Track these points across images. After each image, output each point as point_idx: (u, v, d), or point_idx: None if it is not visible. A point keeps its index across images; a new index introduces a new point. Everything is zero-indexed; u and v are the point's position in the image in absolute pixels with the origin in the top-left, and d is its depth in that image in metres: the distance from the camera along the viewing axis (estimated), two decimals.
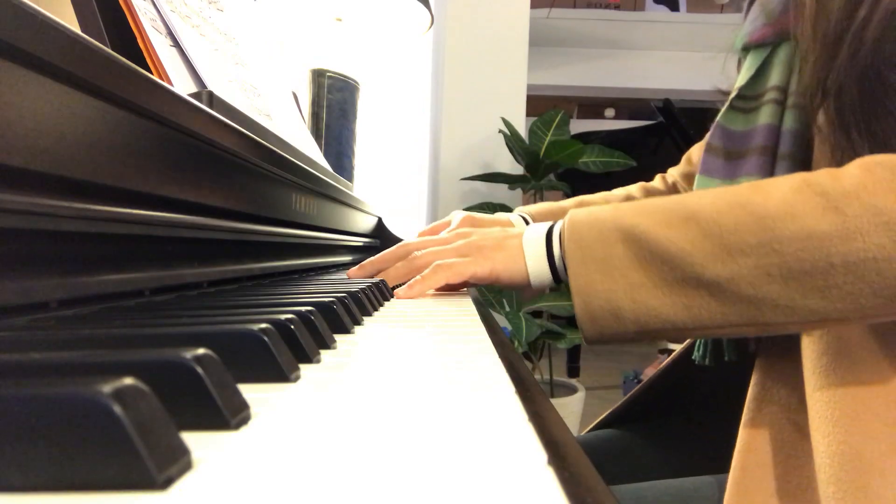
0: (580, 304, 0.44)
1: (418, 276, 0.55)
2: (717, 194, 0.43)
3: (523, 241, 0.51)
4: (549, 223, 0.51)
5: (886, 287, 0.38)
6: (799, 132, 0.50)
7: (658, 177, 0.86)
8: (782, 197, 0.40)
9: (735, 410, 0.51)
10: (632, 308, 0.43)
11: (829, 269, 0.38)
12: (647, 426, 0.69)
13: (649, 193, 0.84)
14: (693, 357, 0.61)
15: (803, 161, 0.49)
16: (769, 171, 0.51)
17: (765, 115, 0.51)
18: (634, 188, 0.84)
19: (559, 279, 0.50)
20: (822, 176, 0.40)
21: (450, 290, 0.61)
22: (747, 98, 0.54)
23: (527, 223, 0.81)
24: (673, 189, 0.84)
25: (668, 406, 0.63)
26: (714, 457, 0.55)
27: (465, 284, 0.58)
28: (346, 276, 0.72)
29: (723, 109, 0.55)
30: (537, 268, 0.50)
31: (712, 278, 0.41)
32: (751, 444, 0.47)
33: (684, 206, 0.43)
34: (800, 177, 0.41)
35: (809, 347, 0.46)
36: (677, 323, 0.42)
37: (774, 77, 0.51)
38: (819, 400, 0.44)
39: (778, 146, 0.50)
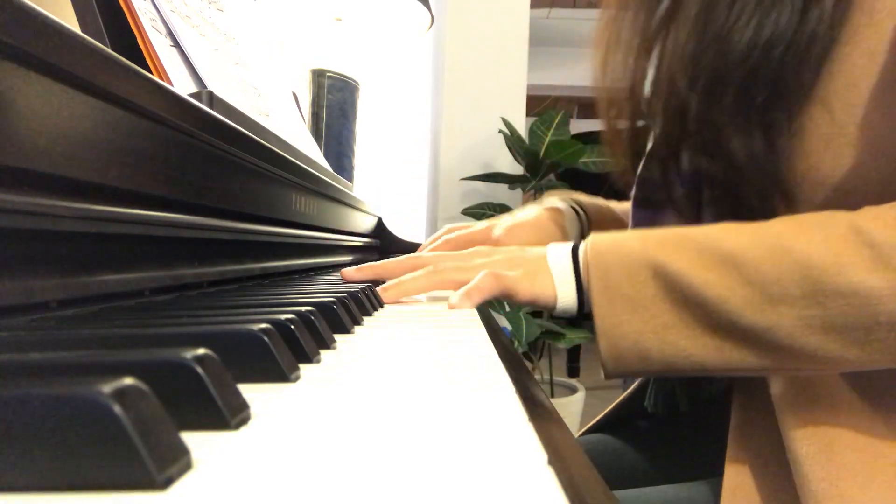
0: (606, 345, 0.42)
1: (471, 284, 0.50)
2: (755, 234, 0.41)
3: (550, 267, 0.48)
4: (571, 246, 0.48)
5: None
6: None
7: None
8: (828, 245, 0.38)
9: (727, 414, 0.51)
10: (660, 349, 0.41)
11: (874, 325, 0.37)
12: (638, 431, 0.69)
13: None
14: (644, 404, 0.60)
15: (726, 201, 0.48)
16: (696, 216, 0.50)
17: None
18: (614, 203, 0.80)
19: (582, 307, 0.47)
20: (871, 221, 0.38)
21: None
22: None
23: (576, 213, 0.73)
24: None
25: (659, 410, 0.63)
26: (707, 461, 0.55)
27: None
28: None
29: (642, 162, 0.54)
30: (566, 296, 0.47)
31: (749, 326, 0.39)
32: (737, 480, 0.47)
33: (720, 246, 0.41)
34: (846, 220, 0.39)
35: (777, 387, 0.45)
36: (707, 364, 0.41)
37: None
38: (795, 438, 0.43)
39: (701, 191, 0.49)
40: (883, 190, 0.41)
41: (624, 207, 0.75)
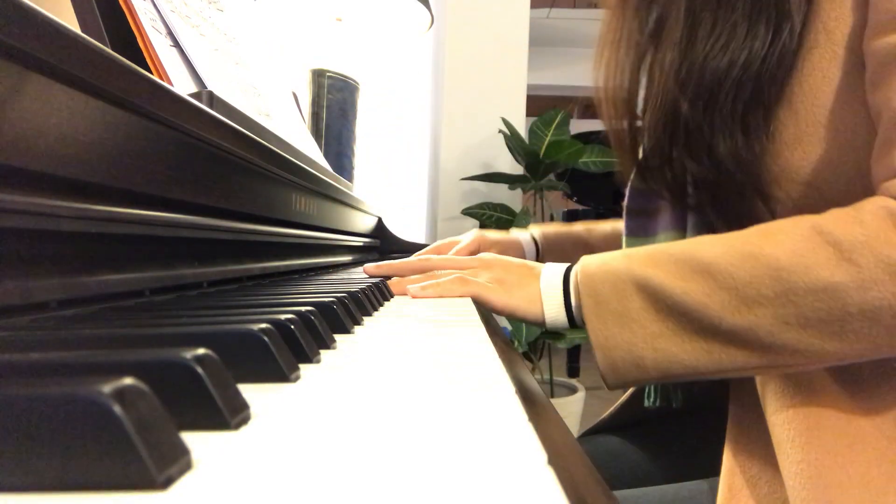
0: (602, 357, 0.45)
1: (434, 281, 0.56)
2: (726, 243, 0.44)
3: (541, 285, 0.52)
4: (566, 267, 0.52)
5: None
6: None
7: None
8: (793, 247, 0.41)
9: (726, 414, 0.51)
10: (653, 357, 0.44)
11: (846, 316, 0.39)
12: (638, 431, 0.69)
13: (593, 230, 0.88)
14: (645, 404, 0.62)
15: (710, 203, 0.52)
16: (683, 223, 0.55)
17: None
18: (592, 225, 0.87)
19: (574, 323, 0.51)
20: (833, 222, 0.41)
21: None
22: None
23: (536, 244, 0.85)
24: None
25: (659, 410, 0.63)
26: (707, 460, 0.55)
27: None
28: (346, 277, 0.71)
29: (633, 173, 0.60)
30: (554, 313, 0.51)
31: (731, 328, 0.41)
32: (734, 477, 0.48)
33: (695, 257, 0.44)
34: (809, 223, 0.42)
35: (765, 379, 0.47)
36: (699, 368, 0.43)
37: None
38: (776, 423, 0.45)
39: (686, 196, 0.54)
40: (854, 182, 0.44)
41: (602, 228, 0.84)
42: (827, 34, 0.45)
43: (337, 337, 0.35)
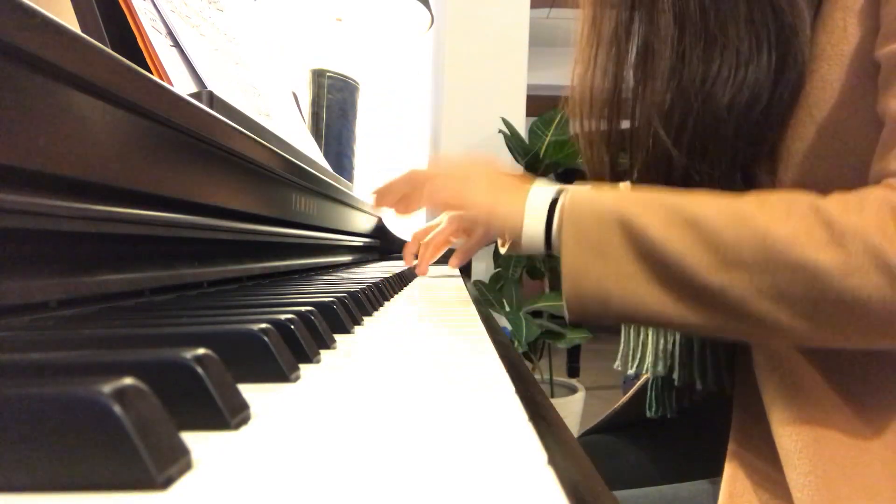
0: (569, 284, 0.45)
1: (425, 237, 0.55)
2: (721, 202, 0.43)
3: (528, 198, 0.51)
4: (558, 187, 0.51)
5: (874, 324, 0.38)
6: None
7: None
8: (786, 220, 0.40)
9: (727, 413, 0.51)
10: (620, 296, 0.43)
11: (821, 299, 0.38)
12: (638, 431, 0.69)
13: None
14: (647, 415, 0.62)
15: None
16: None
17: None
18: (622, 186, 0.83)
19: (549, 247, 0.50)
20: (832, 204, 0.40)
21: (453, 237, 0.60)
22: None
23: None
24: None
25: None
26: (707, 460, 0.55)
27: (461, 229, 0.58)
28: (346, 277, 0.71)
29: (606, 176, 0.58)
30: (533, 230, 0.50)
31: (704, 285, 0.41)
32: (737, 481, 0.48)
33: (687, 208, 0.43)
34: (809, 199, 0.41)
35: (766, 384, 0.47)
36: (663, 317, 0.43)
37: None
38: (783, 434, 0.45)
39: None
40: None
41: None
42: (832, 47, 0.44)
43: (337, 337, 0.35)
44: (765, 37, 0.45)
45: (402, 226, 1.39)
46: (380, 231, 1.35)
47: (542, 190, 0.51)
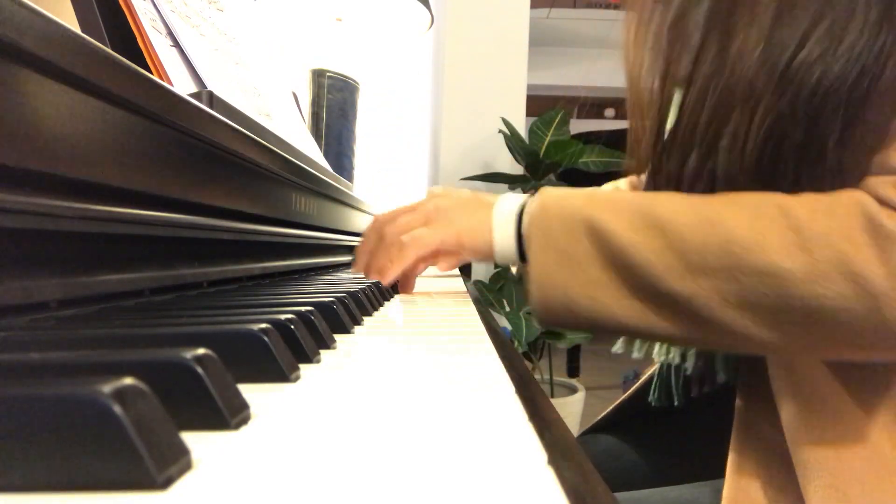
0: (535, 292, 0.44)
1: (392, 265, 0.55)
2: (690, 205, 0.41)
3: (494, 212, 0.50)
4: (524, 197, 0.49)
5: (841, 333, 0.37)
6: None
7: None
8: (753, 223, 0.39)
9: (728, 414, 0.51)
10: (587, 305, 0.42)
11: (786, 307, 0.37)
12: (638, 431, 0.69)
13: (635, 188, 0.82)
14: (649, 400, 0.61)
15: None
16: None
17: None
18: (622, 182, 0.82)
19: (524, 256, 0.48)
20: (801, 207, 0.39)
21: (427, 264, 0.60)
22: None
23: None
24: None
25: (659, 410, 0.63)
26: (707, 462, 0.55)
27: (436, 256, 0.57)
28: (346, 277, 0.71)
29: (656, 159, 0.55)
30: (504, 244, 0.49)
31: (669, 292, 0.40)
32: (739, 482, 0.47)
33: (655, 211, 0.42)
34: (778, 201, 0.39)
35: (784, 400, 0.45)
36: (629, 326, 0.42)
37: None
38: (802, 442, 0.43)
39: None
40: None
41: (615, 186, 0.77)
42: None
43: (337, 337, 0.35)
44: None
45: None
46: None
47: (509, 199, 0.50)
